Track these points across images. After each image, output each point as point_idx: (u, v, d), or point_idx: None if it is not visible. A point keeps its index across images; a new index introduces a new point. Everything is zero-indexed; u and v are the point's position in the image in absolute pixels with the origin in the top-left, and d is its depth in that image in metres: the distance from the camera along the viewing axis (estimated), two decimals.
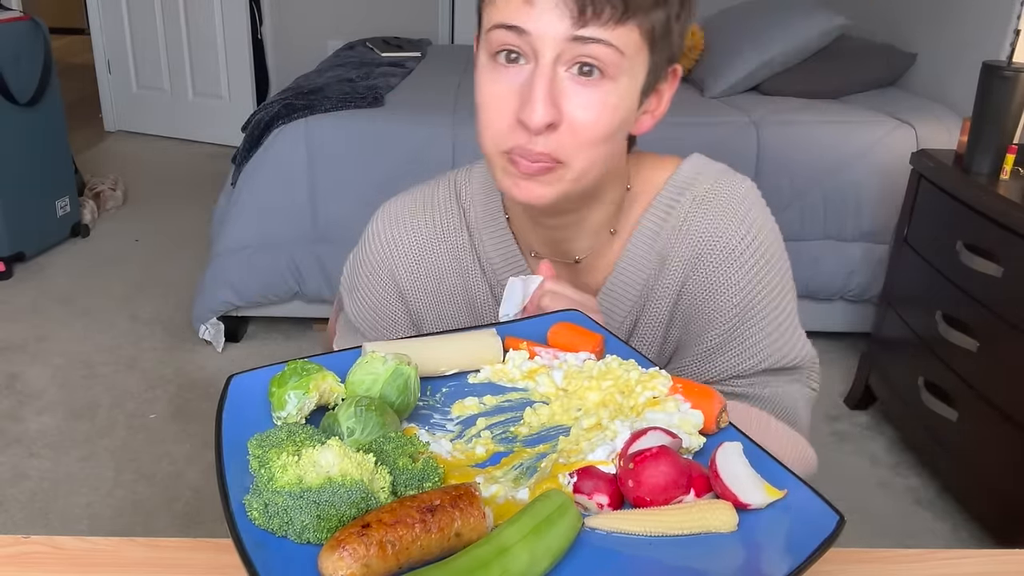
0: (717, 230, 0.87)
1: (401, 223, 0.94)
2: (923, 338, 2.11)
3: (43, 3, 6.28)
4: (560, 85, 0.74)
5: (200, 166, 4.47)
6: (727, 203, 0.87)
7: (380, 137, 2.52)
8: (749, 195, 0.88)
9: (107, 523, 1.94)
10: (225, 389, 0.68)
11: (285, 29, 4.66)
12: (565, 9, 0.71)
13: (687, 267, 0.88)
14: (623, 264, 0.90)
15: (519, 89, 0.75)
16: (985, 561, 0.72)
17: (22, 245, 3.16)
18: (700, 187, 0.88)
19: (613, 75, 0.74)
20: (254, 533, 0.55)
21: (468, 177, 0.95)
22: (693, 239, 0.87)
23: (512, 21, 0.73)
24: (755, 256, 0.87)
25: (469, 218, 0.94)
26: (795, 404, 0.92)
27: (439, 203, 0.95)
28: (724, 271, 0.87)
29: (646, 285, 0.90)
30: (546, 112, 0.73)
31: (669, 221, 0.88)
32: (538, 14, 0.72)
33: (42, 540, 0.69)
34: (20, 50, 3.03)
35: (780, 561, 0.55)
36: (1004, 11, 2.47)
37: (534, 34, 0.72)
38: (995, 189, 1.91)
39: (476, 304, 0.95)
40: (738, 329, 0.88)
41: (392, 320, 0.96)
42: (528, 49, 0.74)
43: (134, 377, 2.53)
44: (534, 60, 0.74)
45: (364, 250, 0.96)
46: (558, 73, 0.74)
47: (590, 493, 0.61)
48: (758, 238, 0.87)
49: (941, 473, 2.15)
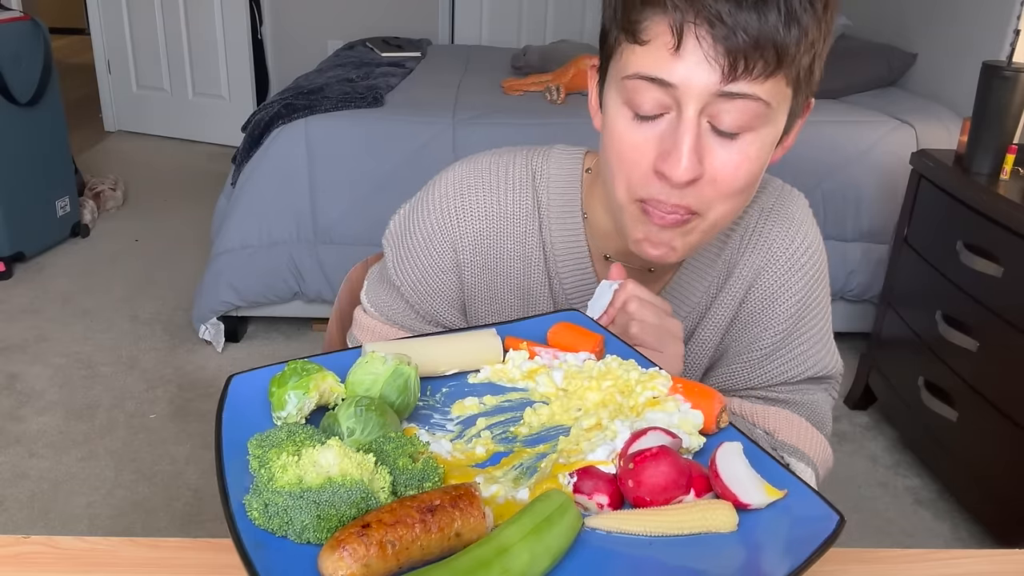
0: (783, 242, 0.89)
1: (472, 193, 0.89)
2: (923, 338, 2.11)
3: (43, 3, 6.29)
4: (704, 139, 0.72)
5: (200, 166, 4.47)
6: (792, 217, 0.90)
7: (380, 137, 2.52)
8: (807, 210, 0.92)
9: (107, 523, 1.94)
10: (225, 389, 0.68)
11: (285, 29, 4.66)
12: (716, 64, 0.68)
13: (752, 276, 0.90)
14: (686, 271, 0.91)
15: (658, 139, 0.73)
16: (985, 561, 0.72)
17: (22, 245, 3.16)
18: (766, 200, 0.91)
19: (757, 127, 0.72)
20: (254, 533, 0.55)
21: (545, 161, 0.91)
22: (760, 250, 0.90)
23: (656, 73, 0.70)
24: (813, 269, 0.90)
25: (542, 205, 0.90)
26: (826, 411, 0.96)
27: (513, 181, 0.90)
28: (784, 280, 0.90)
29: (707, 293, 0.91)
30: (690, 167, 0.71)
31: (736, 231, 0.90)
32: (686, 68, 0.69)
33: (42, 540, 0.69)
34: (20, 50, 3.03)
35: (780, 561, 0.55)
36: (1004, 11, 2.47)
37: (680, 87, 0.70)
38: (995, 189, 1.91)
39: (532, 292, 0.92)
40: (790, 336, 0.91)
41: (440, 289, 0.92)
42: (671, 101, 0.71)
43: (134, 377, 2.53)
44: (676, 111, 0.72)
45: (425, 210, 0.90)
46: (702, 125, 0.72)
47: (590, 493, 0.61)
48: (816, 251, 0.91)
49: (941, 473, 2.15)
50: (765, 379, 0.93)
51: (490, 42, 4.55)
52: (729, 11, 0.67)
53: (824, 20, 0.71)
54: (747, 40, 0.67)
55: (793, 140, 0.81)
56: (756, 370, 0.93)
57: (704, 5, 0.67)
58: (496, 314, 0.93)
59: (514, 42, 4.45)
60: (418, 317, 0.94)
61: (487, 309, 0.93)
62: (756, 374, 0.93)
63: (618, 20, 0.73)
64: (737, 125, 0.71)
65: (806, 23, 0.69)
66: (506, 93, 2.91)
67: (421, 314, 0.94)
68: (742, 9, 0.67)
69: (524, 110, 2.68)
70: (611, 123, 0.76)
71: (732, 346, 0.93)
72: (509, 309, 0.93)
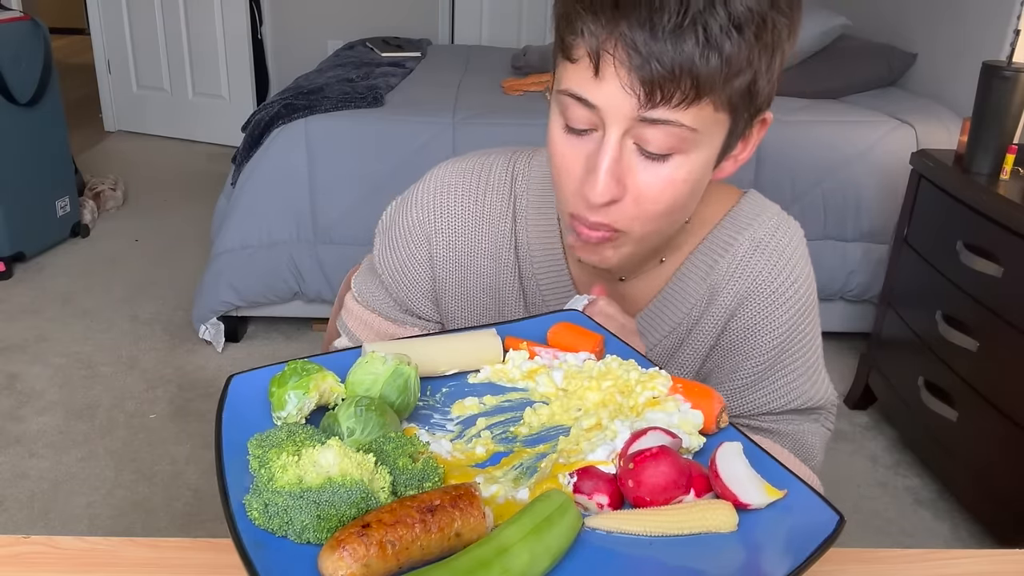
0: (770, 275, 0.89)
1: (451, 193, 0.92)
2: (923, 338, 2.11)
3: (43, 3, 6.29)
4: (627, 160, 0.72)
5: (200, 166, 4.47)
6: (783, 250, 0.89)
7: (380, 137, 2.52)
8: (801, 244, 0.91)
9: (107, 523, 1.94)
10: (225, 389, 0.68)
11: (285, 29, 4.66)
12: (632, 92, 0.68)
13: (735, 305, 0.89)
14: (670, 292, 0.91)
15: (586, 157, 0.74)
16: (985, 561, 0.72)
17: (22, 245, 3.16)
18: (760, 230, 0.89)
19: (685, 149, 0.72)
20: (254, 533, 0.55)
21: (528, 164, 0.93)
22: (746, 280, 0.89)
23: (581, 93, 0.71)
24: (798, 302, 0.89)
25: (519, 207, 0.92)
26: (813, 442, 0.95)
27: (493, 182, 0.92)
28: (768, 312, 0.89)
29: (689, 315, 0.91)
30: (607, 190, 0.72)
31: (724, 259, 0.89)
32: (607, 93, 0.69)
33: (42, 540, 0.69)
34: (20, 50, 3.03)
35: (780, 561, 0.55)
36: (1004, 11, 2.47)
37: (602, 109, 0.70)
38: (995, 189, 1.91)
39: (502, 292, 0.94)
40: (772, 368, 0.91)
41: (415, 281, 0.94)
42: (596, 120, 0.72)
43: (134, 377, 2.53)
44: (602, 130, 0.72)
45: (409, 205, 0.94)
46: (626, 146, 0.72)
47: (590, 493, 0.61)
48: (804, 286, 0.90)
49: (941, 473, 2.15)
50: (747, 408, 0.92)
51: (490, 42, 4.55)
52: (644, 40, 0.66)
53: (761, 42, 0.68)
54: (661, 70, 0.66)
55: (750, 153, 0.80)
56: (738, 399, 0.92)
57: (620, 33, 0.67)
58: (466, 310, 0.95)
59: (514, 42, 4.45)
60: (396, 306, 0.97)
61: (457, 305, 0.95)
62: (738, 403, 0.92)
63: (556, 35, 0.74)
64: (664, 148, 0.71)
65: (729, 51, 0.66)
66: (506, 93, 2.92)
67: (398, 303, 0.97)
68: (657, 39, 0.65)
69: (524, 110, 2.68)
70: (550, 131, 0.77)
71: (714, 373, 0.93)
72: (480, 307, 0.95)
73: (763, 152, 2.56)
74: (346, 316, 1.01)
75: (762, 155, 2.56)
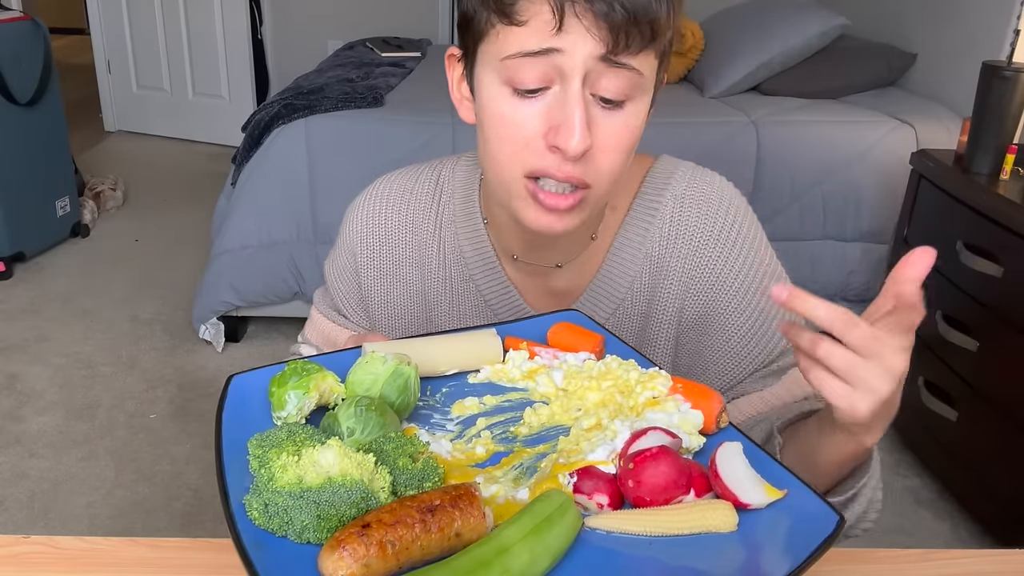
0: (704, 223, 0.88)
1: (377, 204, 0.95)
2: (923, 338, 2.11)
3: (43, 3, 6.29)
4: (591, 110, 0.74)
5: (200, 166, 4.47)
6: (707, 197, 0.89)
7: (380, 137, 2.52)
8: (725, 187, 0.91)
9: (107, 523, 1.94)
10: (225, 389, 0.68)
11: (285, 29, 4.66)
12: (599, 39, 0.70)
13: (688, 266, 0.89)
14: (608, 268, 0.90)
15: (545, 113, 0.74)
16: (985, 561, 0.72)
17: (22, 245, 3.16)
18: (678, 187, 0.89)
19: (635, 95, 0.75)
20: (254, 533, 0.55)
21: (453, 171, 0.95)
22: (687, 238, 0.89)
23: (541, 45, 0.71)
24: (748, 238, 0.89)
25: (446, 216, 0.94)
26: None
27: (416, 192, 0.95)
28: (725, 260, 0.88)
29: (632, 288, 0.90)
30: (583, 138, 0.72)
31: (655, 224, 0.89)
32: (570, 41, 0.71)
33: (42, 540, 0.69)
34: (20, 50, 3.03)
35: (780, 561, 0.55)
36: (1004, 11, 2.47)
37: (564, 58, 0.71)
38: (995, 189, 1.91)
39: (430, 298, 0.95)
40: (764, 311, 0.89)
41: (347, 289, 0.99)
42: (554, 74, 0.73)
43: (134, 377, 2.53)
44: (561, 83, 0.73)
45: (345, 219, 0.98)
46: (585, 97, 0.73)
47: (590, 493, 0.61)
48: (743, 219, 0.90)
49: (941, 473, 2.15)
50: (761, 357, 0.90)
51: None
52: None
53: None
54: (625, 15, 0.70)
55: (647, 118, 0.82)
56: (745, 354, 0.90)
57: None
58: (395, 317, 0.97)
59: None
60: (332, 309, 1.02)
61: (385, 312, 0.97)
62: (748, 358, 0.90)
63: (489, 3, 0.74)
64: (621, 94, 0.73)
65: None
66: None
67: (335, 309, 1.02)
68: None
69: None
70: (490, 104, 0.77)
71: (706, 343, 0.91)
72: (407, 314, 0.97)
73: (763, 152, 2.56)
74: (307, 324, 1.06)
75: (762, 155, 2.56)
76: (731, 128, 2.60)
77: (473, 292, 0.93)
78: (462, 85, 0.83)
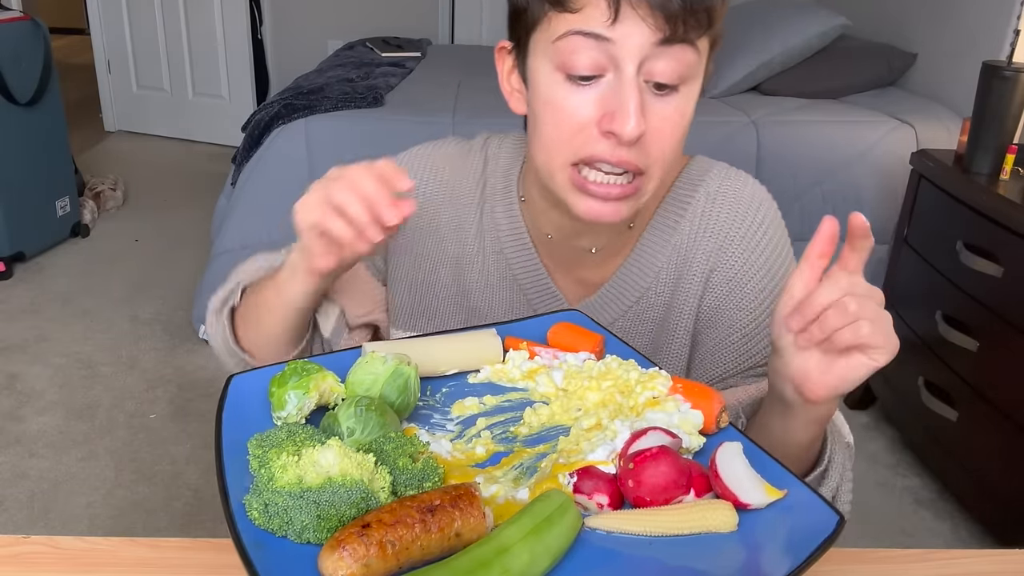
0: (736, 223, 0.89)
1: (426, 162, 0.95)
2: (923, 338, 2.11)
3: (43, 3, 6.28)
4: (644, 96, 0.74)
5: (200, 166, 4.47)
6: (738, 195, 0.90)
7: (380, 137, 2.52)
8: (757, 187, 0.92)
9: (107, 523, 1.94)
10: (225, 389, 0.68)
11: (285, 29, 4.66)
12: (655, 28, 0.71)
13: (712, 260, 0.90)
14: (635, 257, 0.91)
15: (599, 101, 0.74)
16: (985, 561, 0.72)
17: (22, 245, 3.16)
18: (712, 184, 0.91)
19: (689, 79, 0.75)
20: (254, 533, 0.55)
21: (499, 147, 0.96)
22: (715, 234, 0.90)
23: (595, 30, 0.72)
24: (773, 242, 0.90)
25: (487, 192, 0.94)
26: None
27: (466, 160, 0.95)
28: (746, 260, 0.89)
29: (657, 280, 0.91)
30: (639, 123, 0.73)
31: (685, 217, 0.90)
32: (625, 30, 0.71)
33: (42, 540, 0.69)
34: (20, 50, 3.03)
35: (780, 561, 0.55)
36: (1004, 11, 2.47)
37: (618, 45, 0.72)
38: (995, 189, 1.91)
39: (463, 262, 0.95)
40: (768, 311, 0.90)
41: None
42: (607, 61, 0.73)
43: (134, 377, 2.53)
44: (614, 71, 0.73)
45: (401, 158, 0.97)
46: (640, 83, 0.74)
47: (590, 493, 0.61)
48: (773, 225, 0.91)
49: (941, 473, 2.15)
50: (756, 358, 0.92)
51: (490, 42, 4.55)
52: None
53: None
54: (681, 4, 0.71)
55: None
56: (743, 351, 0.91)
57: None
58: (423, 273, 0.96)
59: None
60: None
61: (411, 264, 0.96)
62: (744, 355, 0.92)
63: None
64: (675, 78, 0.74)
65: None
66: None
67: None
68: None
69: None
70: (545, 91, 0.77)
71: (709, 334, 0.92)
72: (436, 275, 0.96)
73: (763, 152, 2.56)
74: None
75: (762, 155, 2.56)
76: (731, 128, 2.60)
77: (504, 266, 0.94)
78: (512, 76, 0.84)
